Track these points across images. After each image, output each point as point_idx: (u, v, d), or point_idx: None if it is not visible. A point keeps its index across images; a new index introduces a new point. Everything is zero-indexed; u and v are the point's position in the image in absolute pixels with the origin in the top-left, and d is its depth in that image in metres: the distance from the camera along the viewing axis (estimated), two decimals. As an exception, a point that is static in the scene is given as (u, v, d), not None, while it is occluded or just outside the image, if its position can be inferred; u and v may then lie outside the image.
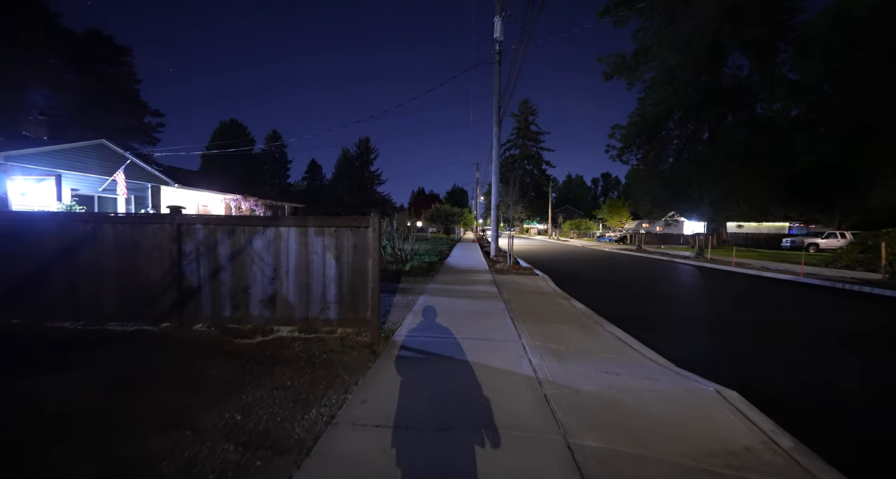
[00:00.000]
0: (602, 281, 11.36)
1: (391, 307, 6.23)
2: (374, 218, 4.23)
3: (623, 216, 46.50)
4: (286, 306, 4.33)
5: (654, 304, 8.10)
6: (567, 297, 8.16)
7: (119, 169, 12.81)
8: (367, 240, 4.28)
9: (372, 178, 52.59)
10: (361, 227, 4.30)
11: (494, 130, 16.18)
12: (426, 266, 10.64)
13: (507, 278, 10.11)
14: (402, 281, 8.93)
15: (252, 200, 22.03)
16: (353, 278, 4.33)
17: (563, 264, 15.95)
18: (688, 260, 18.10)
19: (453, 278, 9.64)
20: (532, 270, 12.37)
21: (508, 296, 7.47)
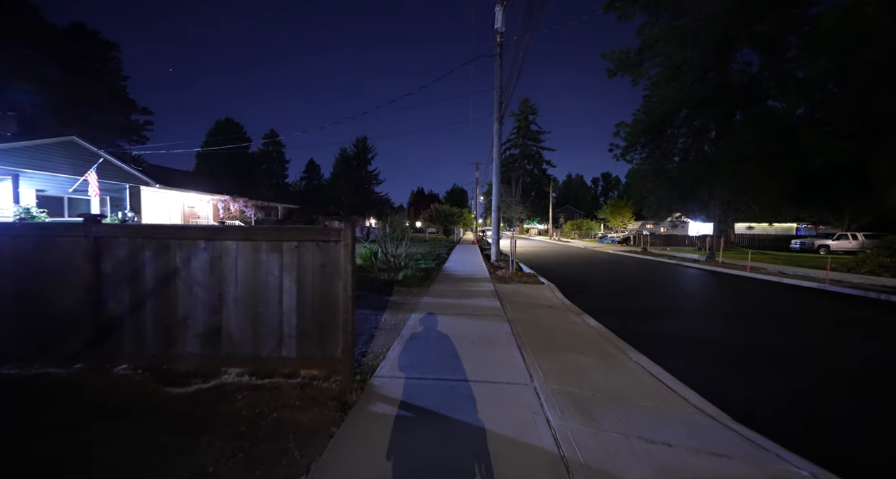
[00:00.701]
0: (613, 290, 10.44)
1: (377, 329, 5.29)
2: (346, 230, 3.30)
3: (626, 217, 45.60)
4: (233, 341, 3.39)
5: (675, 320, 7.17)
6: (578, 311, 7.23)
7: (91, 168, 11.86)
8: (337, 257, 3.35)
9: (370, 177, 51.64)
10: (330, 241, 3.36)
11: (495, 126, 15.25)
12: (421, 274, 9.71)
13: (511, 288, 9.18)
14: (393, 293, 8.00)
15: (241, 200, 21.10)
16: (319, 306, 3.39)
17: (568, 269, 15.03)
18: (698, 264, 17.19)
19: (451, 288, 8.71)
20: (536, 277, 11.44)
21: (513, 313, 6.53)
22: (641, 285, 11.44)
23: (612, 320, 6.48)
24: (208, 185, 21.73)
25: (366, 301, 7.10)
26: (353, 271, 3.34)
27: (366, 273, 9.55)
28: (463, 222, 45.70)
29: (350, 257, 3.31)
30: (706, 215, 25.78)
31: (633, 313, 7.61)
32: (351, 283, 3.31)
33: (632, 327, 6.31)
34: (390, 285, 8.72)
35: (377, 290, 8.18)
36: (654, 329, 6.36)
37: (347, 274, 3.31)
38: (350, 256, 3.31)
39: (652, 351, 4.85)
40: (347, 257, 3.31)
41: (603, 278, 12.82)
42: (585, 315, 6.93)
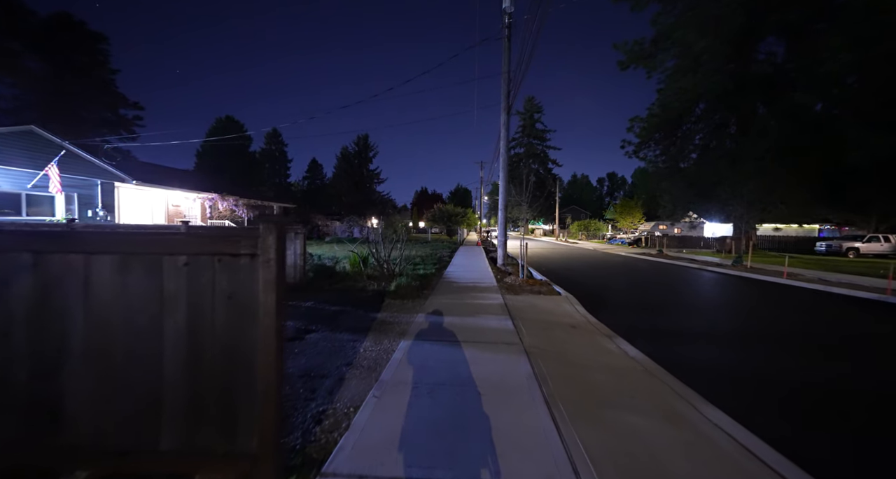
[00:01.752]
0: (640, 302, 9.00)
1: (349, 368, 3.93)
2: (267, 236, 1.94)
3: (636, 217, 43.96)
4: (79, 424, 2.03)
5: (734, 346, 5.73)
6: (609, 333, 5.83)
7: (52, 161, 10.64)
8: (253, 283, 1.98)
9: (371, 176, 50.40)
10: (242, 255, 1.99)
11: (502, 117, 13.85)
12: (418, 283, 8.34)
13: (523, 301, 7.79)
14: (382, 308, 6.63)
15: (231, 199, 19.85)
16: (223, 364, 2.02)
17: (583, 275, 13.59)
18: (724, 269, 15.69)
19: (452, 301, 7.33)
20: (550, 285, 10.04)
21: (531, 339, 5.14)
22: (671, 296, 10.00)
23: (653, 347, 5.10)
24: (196, 182, 20.47)
25: (345, 321, 5.74)
26: (281, 303, 1.98)
27: (353, 283, 8.19)
28: (467, 223, 44.33)
29: (276, 280, 1.94)
30: (725, 216, 24.23)
31: (674, 335, 6.18)
32: (276, 323, 1.95)
33: (681, 357, 4.92)
34: (380, 298, 7.36)
35: (363, 304, 6.82)
36: (711, 361, 4.95)
37: (271, 309, 1.94)
38: (276, 279, 1.94)
39: (726, 400, 3.45)
40: (271, 281, 1.94)
41: (624, 287, 11.39)
42: (619, 339, 5.53)
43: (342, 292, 7.55)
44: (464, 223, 42.93)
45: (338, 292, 7.53)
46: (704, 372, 4.43)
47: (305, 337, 4.84)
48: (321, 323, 5.50)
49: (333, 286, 7.91)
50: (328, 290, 7.68)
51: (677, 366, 4.41)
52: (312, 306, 6.53)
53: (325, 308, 6.42)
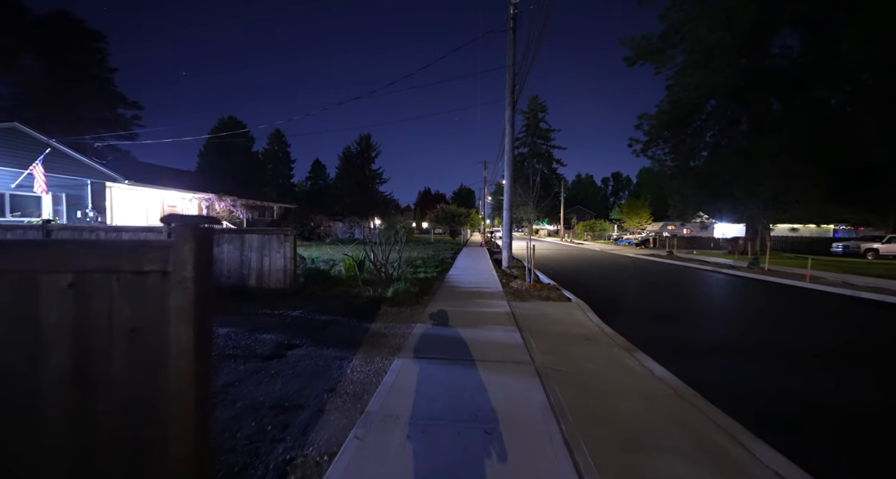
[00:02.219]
0: (657, 309, 8.35)
1: (331, 395, 3.35)
2: (182, 244, 1.35)
3: (643, 217, 43.10)
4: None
5: (768, 361, 5.09)
6: (628, 347, 5.21)
7: (36, 160, 10.18)
8: (164, 310, 1.39)
9: (374, 176, 49.90)
10: (148, 272, 1.41)
11: (507, 113, 13.25)
12: (417, 289, 7.75)
13: (530, 308, 7.18)
14: (377, 318, 6.05)
15: (229, 199, 19.38)
16: (123, 426, 1.43)
17: (591, 278, 12.95)
18: (740, 271, 14.97)
19: (454, 309, 6.73)
20: (559, 290, 9.42)
21: (543, 356, 4.53)
22: (689, 302, 9.35)
23: (680, 364, 4.48)
24: (193, 182, 20.01)
25: (335, 333, 5.17)
26: (204, 337, 1.40)
27: (347, 288, 7.62)
28: (470, 223, 43.73)
29: (194, 307, 1.36)
30: (737, 216, 23.45)
31: (701, 348, 5.55)
32: (195, 368, 1.37)
33: (714, 376, 4.31)
34: (376, 305, 6.78)
35: (356, 313, 6.24)
36: (748, 381, 4.32)
37: (187, 348, 1.36)
38: (194, 305, 1.36)
39: (777, 433, 2.84)
40: (187, 309, 1.36)
41: (637, 291, 10.74)
42: (640, 354, 4.90)
43: (335, 299, 6.98)
44: (467, 224, 42.32)
45: (330, 299, 6.96)
46: (744, 396, 3.82)
47: (287, 354, 4.27)
48: (307, 336, 4.92)
49: (326, 292, 7.34)
50: (320, 296, 7.11)
51: (711, 387, 3.80)
52: (301, 315, 5.96)
53: (314, 318, 5.84)
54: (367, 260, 8.06)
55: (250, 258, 7.23)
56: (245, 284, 7.24)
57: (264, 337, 4.77)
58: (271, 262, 7.20)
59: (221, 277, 7.27)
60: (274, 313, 6.04)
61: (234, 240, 7.24)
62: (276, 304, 6.51)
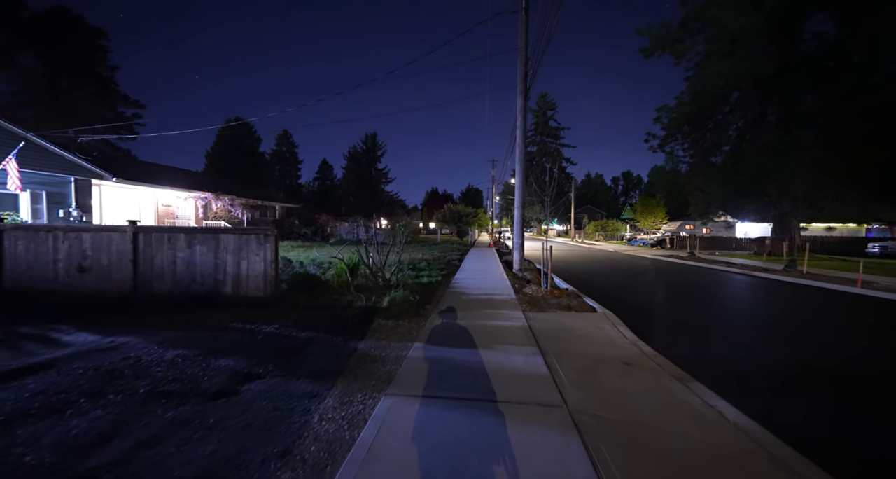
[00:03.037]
0: (697, 320, 7.19)
1: (281, 463, 2.33)
2: None
3: (658, 217, 41.49)
4: None
5: (873, 397, 3.94)
6: (681, 376, 4.11)
7: (10, 155, 9.42)
8: None
9: (379, 176, 49.10)
10: None
11: (519, 102, 12.17)
12: (418, 297, 6.72)
13: (550, 321, 6.09)
14: (367, 335, 5.03)
15: (227, 198, 18.61)
16: None
17: (613, 282, 11.79)
18: (775, 274, 13.65)
19: (459, 324, 5.69)
20: (580, 297, 8.32)
21: (576, 392, 3.45)
22: (730, 311, 8.17)
23: (755, 401, 3.41)
24: (191, 181, 19.27)
25: (311, 357, 4.16)
26: None
27: (338, 297, 6.62)
28: (478, 223, 42.63)
29: None
30: (764, 215, 21.99)
31: (769, 378, 4.42)
32: None
33: (807, 422, 3.19)
34: (369, 317, 5.77)
35: (344, 328, 5.23)
36: (861, 428, 3.19)
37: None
38: None
39: None
40: None
41: (667, 298, 9.57)
42: (697, 385, 3.81)
43: (321, 310, 5.99)
44: (475, 224, 41.24)
45: (315, 310, 5.97)
46: (871, 460, 2.70)
47: (241, 390, 3.27)
48: (275, 362, 3.93)
49: (312, 302, 6.35)
50: (304, 307, 6.12)
51: (813, 442, 2.71)
52: (275, 331, 4.97)
53: (291, 335, 4.85)
54: (362, 264, 7.05)
55: (226, 262, 6.28)
56: (220, 291, 6.29)
57: (220, 364, 3.78)
58: (249, 266, 6.24)
59: (194, 283, 6.34)
60: (244, 327, 5.06)
61: (207, 241, 6.30)
62: (250, 316, 5.54)
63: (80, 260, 6.37)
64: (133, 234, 6.32)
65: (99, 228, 6.41)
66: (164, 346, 4.21)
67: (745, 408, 3.29)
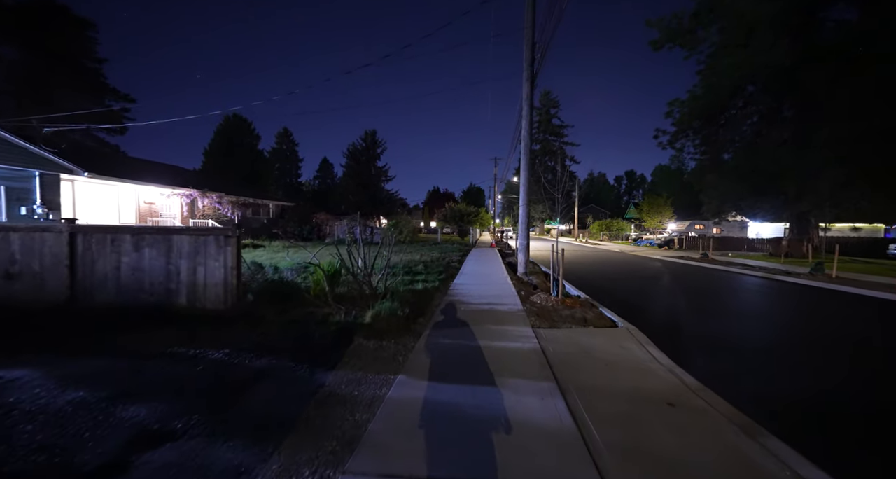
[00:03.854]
0: (742, 340, 6.15)
1: None
2: None
3: (665, 216, 40.36)
4: None
5: None
6: (747, 424, 3.07)
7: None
8: None
9: (379, 174, 48.06)
10: None
11: (524, 90, 11.15)
12: (407, 310, 5.70)
13: (565, 340, 5.07)
14: (341, 363, 4.02)
15: (214, 195, 17.62)
16: None
17: (627, 288, 10.76)
18: (802, 279, 12.58)
19: (456, 345, 4.68)
20: (595, 307, 7.30)
21: (613, 463, 2.42)
22: (768, 324, 7.13)
23: (867, 468, 2.36)
24: (177, 177, 18.26)
25: (261, 398, 3.16)
26: None
27: (314, 310, 5.60)
28: (480, 223, 41.59)
29: None
30: (778, 214, 20.90)
31: (872, 426, 3.39)
32: None
33: None
34: (347, 336, 4.76)
35: (312, 353, 4.23)
36: None
37: None
38: None
39: None
40: None
41: (692, 308, 8.54)
42: (775, 442, 2.79)
43: (290, 327, 4.98)
44: (476, 223, 40.21)
45: (283, 327, 4.97)
46: None
47: (135, 463, 2.26)
48: (206, 409, 2.92)
49: (282, 316, 5.34)
50: (271, 323, 5.11)
51: None
52: (223, 358, 3.97)
53: (243, 364, 3.85)
54: (343, 269, 6.04)
55: (179, 268, 5.28)
56: (173, 302, 5.30)
57: (126, 414, 2.78)
58: (207, 273, 5.24)
59: (142, 292, 5.34)
60: (186, 353, 4.06)
61: (157, 243, 5.30)
62: (200, 336, 4.54)
63: (7, 266, 5.38)
64: (70, 234, 5.32)
65: (29, 228, 5.42)
66: (63, 384, 3.21)
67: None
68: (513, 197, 71.56)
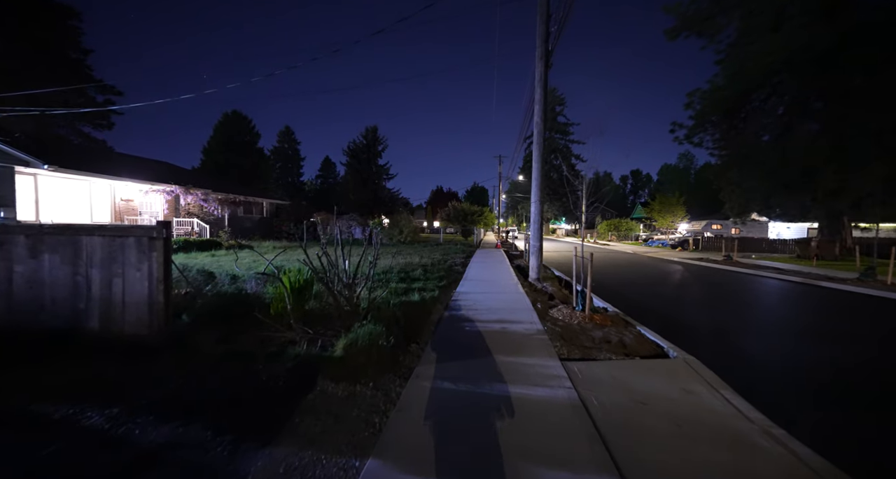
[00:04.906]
0: (838, 372, 4.75)
1: None
2: None
3: (677, 215, 38.73)
4: None
5: None
6: None
7: None
8: None
9: (380, 172, 46.76)
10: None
11: (538, 70, 9.77)
12: (398, 332, 4.35)
13: (608, 382, 3.67)
14: (281, 435, 2.65)
15: (199, 192, 16.34)
16: None
17: (657, 297, 9.36)
18: (851, 285, 11.11)
19: (458, 391, 3.31)
20: (630, 324, 5.93)
21: None
22: (853, 344, 5.70)
23: None
24: (160, 173, 16.98)
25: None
26: None
27: (271, 334, 4.24)
28: (484, 222, 40.21)
29: None
30: (808, 213, 19.35)
31: None
32: None
33: None
34: (308, 377, 3.41)
35: (250, 411, 2.87)
36: None
37: None
38: None
39: None
40: None
41: (747, 324, 7.12)
42: None
43: (231, 363, 3.64)
44: (480, 223, 38.83)
45: (220, 364, 3.62)
46: None
47: None
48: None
49: (224, 345, 3.99)
50: (206, 356, 3.76)
51: None
52: (104, 425, 2.62)
53: (131, 438, 2.50)
54: (318, 281, 4.68)
55: (90, 279, 3.96)
56: (82, 325, 3.98)
57: None
58: (126, 286, 3.91)
59: (42, 312, 4.03)
60: (52, 415, 2.72)
61: (61, 247, 3.98)
62: (98, 379, 3.21)
63: None
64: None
65: None
66: None
67: None
68: (517, 196, 70.09)
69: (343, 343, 3.76)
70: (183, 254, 12.10)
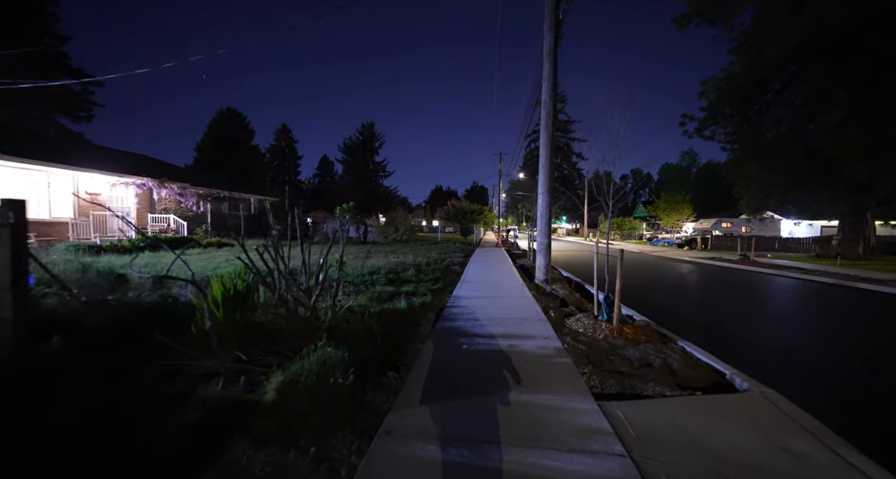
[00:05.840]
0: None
1: None
2: None
3: (684, 214, 37.55)
4: None
5: None
6: None
7: None
8: None
9: (377, 169, 45.46)
10: None
11: (546, 42, 8.55)
12: (364, 356, 3.13)
13: (670, 441, 2.43)
14: None
15: (176, 186, 15.08)
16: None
17: (684, 302, 8.17)
18: (891, 287, 9.94)
19: (449, 463, 2.09)
20: (669, 340, 4.72)
21: None
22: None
23: None
24: (134, 165, 15.66)
25: None
26: None
27: (185, 362, 3.01)
28: (483, 221, 38.99)
29: None
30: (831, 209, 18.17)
31: None
32: None
33: None
34: (216, 438, 2.18)
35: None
36: None
37: None
38: None
39: None
40: None
41: (810, 339, 5.93)
42: None
43: (106, 409, 2.41)
44: (480, 222, 37.62)
45: (92, 410, 2.39)
46: None
47: None
48: None
49: (111, 383, 2.76)
50: (74, 396, 2.53)
51: None
52: None
53: None
54: (266, 287, 3.48)
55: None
56: None
57: None
58: (-33, 297, 2.66)
59: None
60: None
61: None
62: None
63: None
64: None
65: None
66: None
67: None
68: (517, 195, 68.91)
69: (277, 381, 2.53)
70: (149, 253, 10.91)
